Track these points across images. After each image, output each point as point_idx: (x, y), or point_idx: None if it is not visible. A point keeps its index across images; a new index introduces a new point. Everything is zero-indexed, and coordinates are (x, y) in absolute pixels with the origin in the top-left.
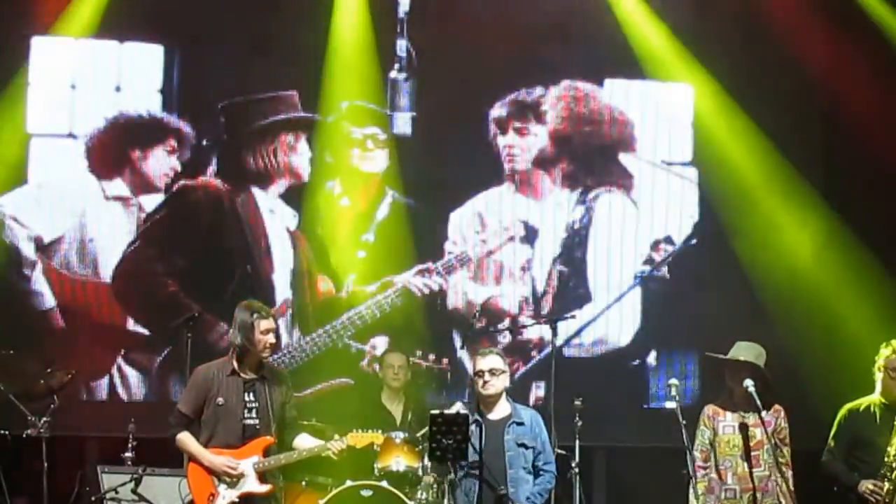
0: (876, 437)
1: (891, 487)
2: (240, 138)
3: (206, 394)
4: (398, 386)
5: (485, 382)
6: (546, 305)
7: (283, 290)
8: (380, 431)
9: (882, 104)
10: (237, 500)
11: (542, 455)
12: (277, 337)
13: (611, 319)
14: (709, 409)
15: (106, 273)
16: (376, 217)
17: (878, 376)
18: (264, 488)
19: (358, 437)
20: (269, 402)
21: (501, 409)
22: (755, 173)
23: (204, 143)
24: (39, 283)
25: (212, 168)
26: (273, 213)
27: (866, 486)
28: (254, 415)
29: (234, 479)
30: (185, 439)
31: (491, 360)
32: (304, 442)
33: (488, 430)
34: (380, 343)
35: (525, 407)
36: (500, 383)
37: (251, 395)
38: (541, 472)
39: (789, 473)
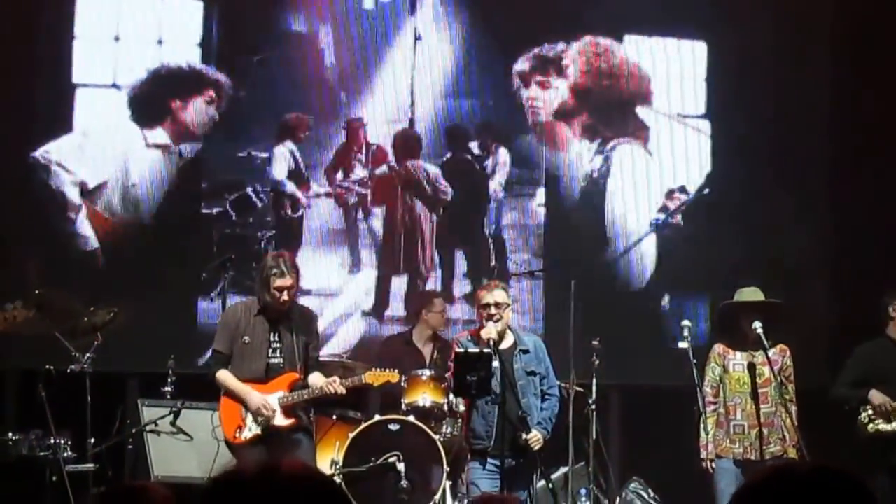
0: (886, 372)
1: None
2: None
3: (234, 331)
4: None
5: (490, 315)
6: None
7: None
8: (396, 371)
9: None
10: (261, 433)
11: (546, 380)
12: (293, 294)
13: (627, 264)
14: (719, 347)
15: (147, 217)
16: None
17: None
18: (287, 422)
19: (374, 376)
20: (293, 342)
21: (507, 340)
22: (767, 126)
23: (241, 94)
24: (83, 226)
25: None
26: None
27: (881, 398)
28: (278, 354)
29: (266, 417)
30: (224, 377)
31: (497, 295)
32: (318, 381)
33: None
34: None
35: (527, 333)
36: (505, 316)
37: (276, 335)
38: (546, 397)
39: (793, 409)
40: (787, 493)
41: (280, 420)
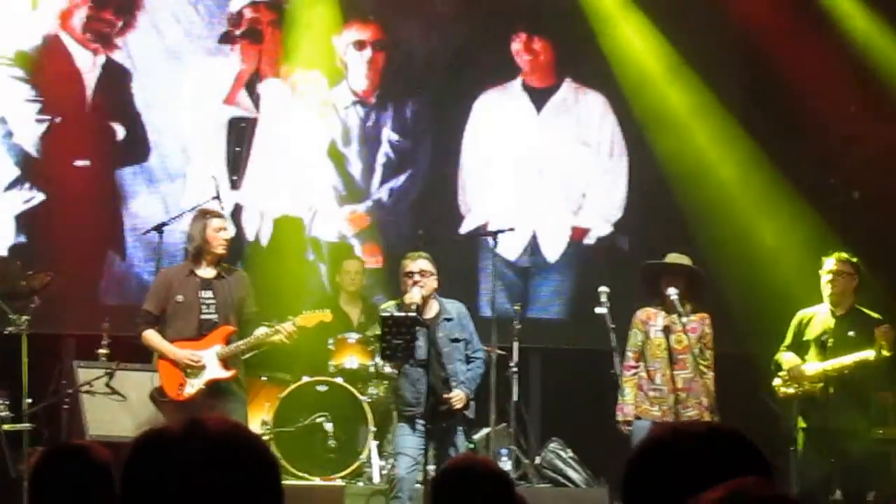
0: (821, 343)
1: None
2: None
3: (166, 292)
4: (354, 290)
5: (415, 283)
6: None
7: None
8: (328, 311)
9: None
10: (204, 387)
11: (470, 344)
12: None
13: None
14: (642, 314)
15: None
16: None
17: (827, 280)
18: (228, 373)
19: (307, 318)
20: (227, 298)
21: (432, 309)
22: (678, 101)
23: None
24: None
25: None
26: None
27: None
28: (212, 310)
29: (197, 370)
30: (150, 336)
31: (420, 263)
32: (264, 330)
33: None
34: None
35: (451, 300)
36: (429, 284)
37: (209, 292)
38: (471, 360)
39: (711, 375)
40: (683, 449)
41: (220, 372)
